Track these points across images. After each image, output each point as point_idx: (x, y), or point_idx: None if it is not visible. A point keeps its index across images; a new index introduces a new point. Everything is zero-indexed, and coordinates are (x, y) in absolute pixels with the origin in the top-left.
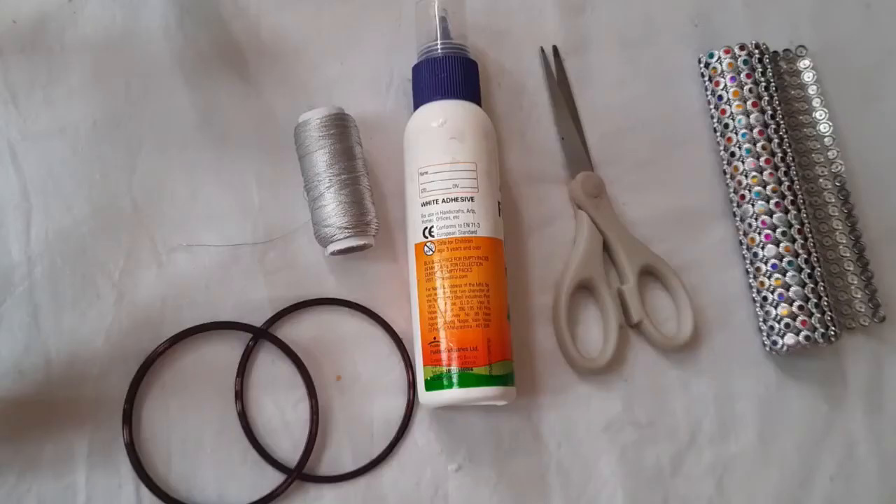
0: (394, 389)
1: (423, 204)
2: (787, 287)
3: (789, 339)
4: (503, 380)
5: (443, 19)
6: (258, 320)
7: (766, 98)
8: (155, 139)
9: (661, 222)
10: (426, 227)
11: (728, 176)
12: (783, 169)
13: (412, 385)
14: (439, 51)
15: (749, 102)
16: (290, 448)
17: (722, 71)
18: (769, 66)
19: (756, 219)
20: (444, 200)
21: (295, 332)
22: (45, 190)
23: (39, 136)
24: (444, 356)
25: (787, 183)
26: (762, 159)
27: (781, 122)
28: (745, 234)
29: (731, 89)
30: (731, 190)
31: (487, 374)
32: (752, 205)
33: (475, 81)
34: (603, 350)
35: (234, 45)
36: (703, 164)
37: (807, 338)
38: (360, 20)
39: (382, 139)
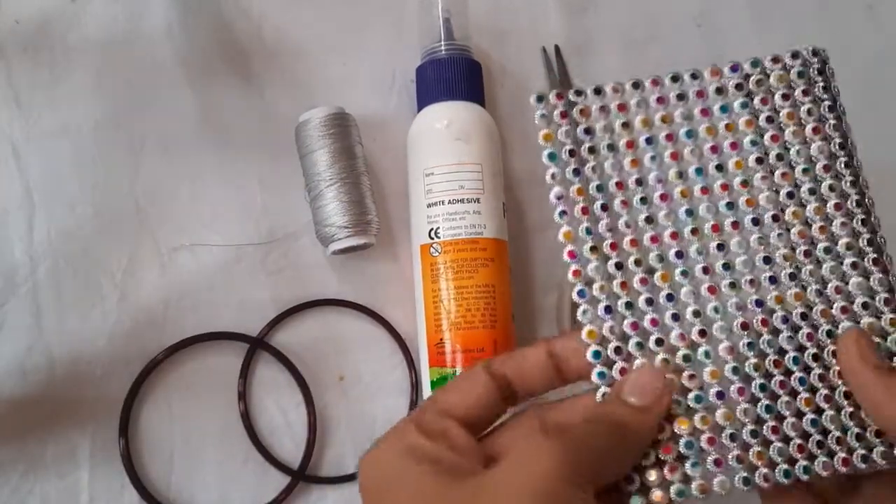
0: (396, 390)
1: (429, 205)
2: None
3: None
4: None
5: (447, 20)
6: (261, 320)
7: None
8: (157, 139)
9: None
10: (432, 229)
11: None
12: None
13: (414, 385)
14: (443, 52)
15: None
16: (292, 448)
17: None
18: None
19: None
20: (450, 202)
21: (297, 332)
22: (47, 190)
23: (42, 136)
24: (449, 357)
25: None
26: None
27: None
28: None
29: None
30: None
31: None
32: None
33: (479, 83)
34: None
35: (236, 46)
36: None
37: None
38: (363, 21)
39: (384, 139)
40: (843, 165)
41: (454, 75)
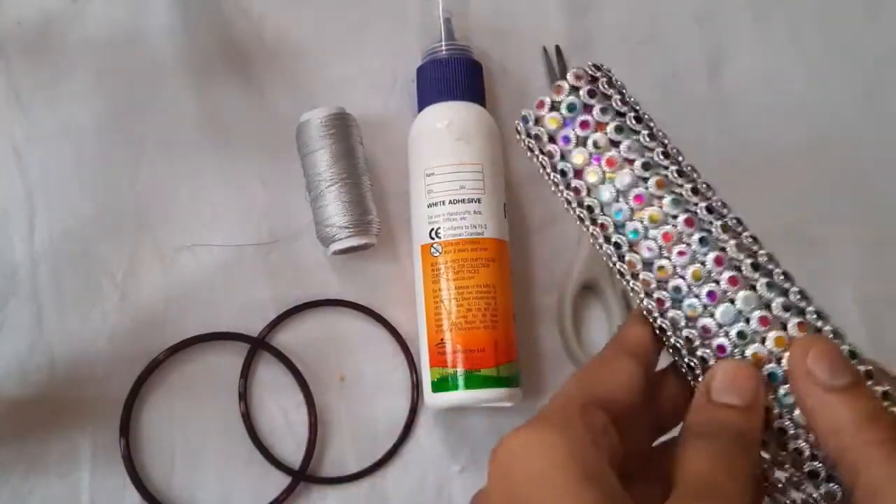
0: (397, 390)
1: (430, 205)
2: None
3: None
4: (510, 381)
5: (447, 20)
6: (262, 320)
7: None
8: (158, 140)
9: None
10: (433, 229)
11: None
12: None
13: (416, 386)
14: (444, 52)
15: None
16: (293, 448)
17: None
18: None
19: None
20: (450, 202)
21: (297, 333)
22: (48, 191)
23: (43, 137)
24: (450, 358)
25: None
26: None
27: None
28: None
29: None
30: None
31: (495, 376)
32: None
33: (480, 83)
34: None
35: (237, 46)
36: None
37: None
38: (364, 21)
39: (385, 139)
40: (676, 174)
41: (455, 75)
